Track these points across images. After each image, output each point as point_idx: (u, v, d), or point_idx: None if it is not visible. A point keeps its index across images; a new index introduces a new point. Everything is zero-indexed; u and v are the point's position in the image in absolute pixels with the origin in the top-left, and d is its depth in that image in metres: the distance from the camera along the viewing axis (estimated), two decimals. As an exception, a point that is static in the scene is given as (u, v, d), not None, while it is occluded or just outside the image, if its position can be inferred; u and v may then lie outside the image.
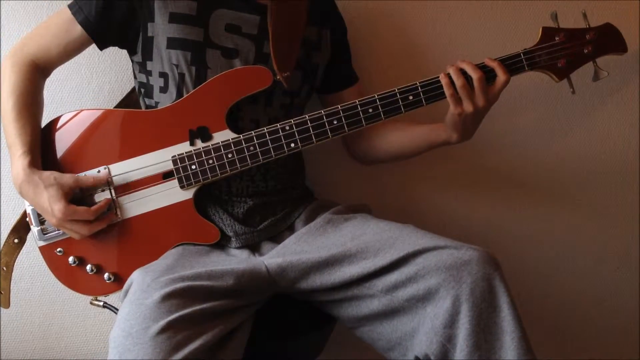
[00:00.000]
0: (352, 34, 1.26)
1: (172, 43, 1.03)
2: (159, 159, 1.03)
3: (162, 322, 0.81)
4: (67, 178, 0.98)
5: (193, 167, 1.03)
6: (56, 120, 1.06)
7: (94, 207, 0.99)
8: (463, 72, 1.03)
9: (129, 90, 1.22)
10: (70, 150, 1.05)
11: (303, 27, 1.11)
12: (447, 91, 1.04)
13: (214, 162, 1.03)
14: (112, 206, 1.02)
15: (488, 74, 1.04)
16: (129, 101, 1.21)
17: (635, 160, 1.45)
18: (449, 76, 1.04)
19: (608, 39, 1.12)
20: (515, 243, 1.47)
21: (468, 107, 1.03)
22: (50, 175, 0.98)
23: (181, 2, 1.03)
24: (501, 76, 1.04)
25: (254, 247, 1.07)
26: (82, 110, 1.06)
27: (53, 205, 0.96)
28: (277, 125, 1.04)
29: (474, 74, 1.02)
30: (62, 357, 1.39)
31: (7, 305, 1.12)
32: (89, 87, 1.31)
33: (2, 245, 1.11)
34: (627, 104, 1.43)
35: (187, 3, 1.03)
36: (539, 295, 1.50)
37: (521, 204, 1.46)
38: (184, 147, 1.03)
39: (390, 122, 1.14)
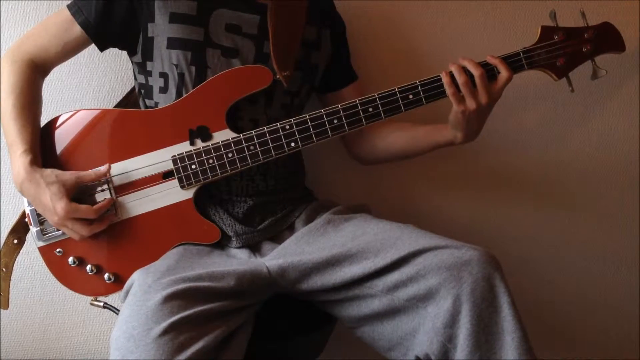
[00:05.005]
0: (351, 34, 1.26)
1: (172, 43, 1.03)
2: (159, 159, 1.03)
3: (165, 324, 0.80)
4: (69, 175, 0.98)
5: (193, 166, 1.03)
6: (55, 120, 1.06)
7: (96, 206, 0.99)
8: (465, 70, 1.03)
9: (129, 90, 1.22)
10: (70, 151, 1.04)
11: (302, 27, 1.11)
12: (448, 89, 1.04)
13: (214, 162, 1.03)
14: (111, 206, 1.02)
15: (489, 72, 1.04)
16: (129, 101, 1.21)
17: (635, 160, 1.45)
18: (450, 74, 1.04)
19: (606, 38, 1.12)
20: (515, 243, 1.47)
21: (471, 104, 1.03)
22: (51, 173, 0.98)
23: (182, 2, 1.03)
24: (504, 73, 1.04)
25: (254, 247, 1.07)
26: (79, 110, 1.06)
27: (55, 204, 0.96)
28: (277, 125, 1.04)
29: (476, 71, 1.02)
30: (62, 357, 1.39)
31: (7, 306, 1.11)
32: (89, 87, 1.31)
33: (1, 246, 1.11)
34: (627, 103, 1.43)
35: (188, 3, 1.03)
36: (539, 295, 1.50)
37: (521, 203, 1.46)
38: (183, 147, 1.03)
39: (392, 123, 1.14)
